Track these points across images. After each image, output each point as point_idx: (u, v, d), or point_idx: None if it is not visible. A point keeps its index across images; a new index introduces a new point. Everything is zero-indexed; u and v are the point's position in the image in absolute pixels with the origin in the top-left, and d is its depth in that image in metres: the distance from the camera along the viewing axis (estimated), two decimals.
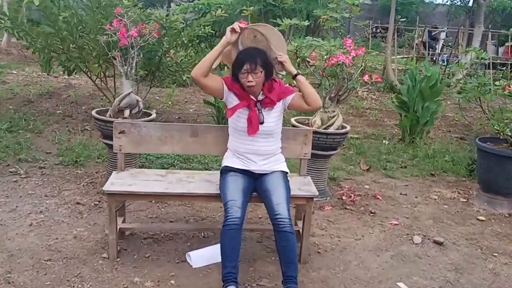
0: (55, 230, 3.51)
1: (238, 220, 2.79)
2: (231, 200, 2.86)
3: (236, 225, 2.79)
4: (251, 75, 2.94)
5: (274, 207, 2.87)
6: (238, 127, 3.06)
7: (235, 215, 2.80)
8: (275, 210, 2.86)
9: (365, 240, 3.69)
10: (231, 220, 2.79)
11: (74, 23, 5.28)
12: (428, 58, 14.79)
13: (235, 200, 2.86)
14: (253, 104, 3.01)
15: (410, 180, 5.08)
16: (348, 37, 4.23)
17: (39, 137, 5.60)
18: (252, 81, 2.94)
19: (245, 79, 2.95)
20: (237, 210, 2.81)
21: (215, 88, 3.08)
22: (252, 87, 2.98)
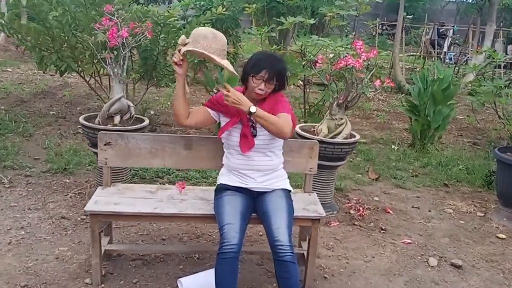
0: (35, 249, 3.20)
1: (236, 247, 2.47)
2: (227, 224, 2.53)
3: (233, 252, 2.47)
4: (265, 84, 2.64)
5: (274, 232, 2.55)
6: (231, 143, 2.76)
7: (232, 242, 2.47)
8: (274, 236, 2.53)
9: (376, 262, 3.36)
10: (228, 247, 2.47)
11: (66, 20, 4.97)
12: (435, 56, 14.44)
13: (232, 224, 2.54)
14: (245, 118, 2.68)
15: (422, 191, 4.75)
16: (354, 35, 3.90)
17: (28, 141, 5.29)
18: (263, 90, 2.65)
19: (257, 86, 2.64)
20: (235, 236, 2.49)
21: (203, 120, 2.85)
22: (259, 95, 2.68)
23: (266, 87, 2.65)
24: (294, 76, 5.38)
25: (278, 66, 2.65)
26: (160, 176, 4.48)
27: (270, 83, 2.64)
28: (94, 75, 5.67)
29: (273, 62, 2.65)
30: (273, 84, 2.66)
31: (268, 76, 2.62)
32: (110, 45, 3.68)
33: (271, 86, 2.66)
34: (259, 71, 2.62)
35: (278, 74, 2.65)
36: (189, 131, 6.04)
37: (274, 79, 2.64)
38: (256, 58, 2.70)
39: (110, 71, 3.79)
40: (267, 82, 2.63)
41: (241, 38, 9.88)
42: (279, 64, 2.67)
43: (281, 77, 2.69)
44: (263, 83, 2.63)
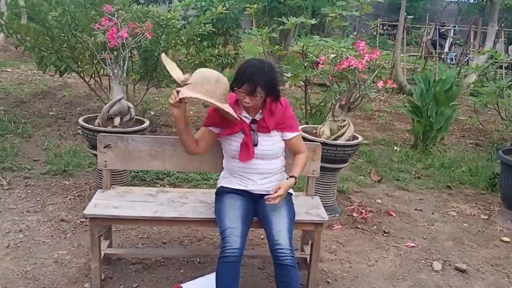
0: (34, 253, 3.15)
1: (237, 251, 2.43)
2: (229, 228, 2.49)
3: (235, 257, 2.42)
4: (249, 97, 2.55)
5: (274, 236, 2.50)
6: (230, 151, 2.71)
7: (233, 246, 2.43)
8: (274, 239, 2.49)
9: (379, 266, 3.31)
10: (229, 252, 2.42)
11: (66, 20, 4.92)
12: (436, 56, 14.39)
13: (233, 228, 2.49)
14: (247, 127, 2.64)
15: (425, 193, 4.70)
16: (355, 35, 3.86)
17: (27, 142, 5.24)
18: (249, 103, 2.57)
19: (242, 99, 2.58)
20: (236, 240, 2.44)
21: (211, 140, 2.78)
22: (249, 108, 2.64)
23: (252, 100, 2.55)
24: (295, 77, 5.34)
25: (260, 79, 2.50)
26: (161, 178, 4.44)
27: (254, 96, 2.54)
28: (94, 75, 5.63)
29: (254, 74, 2.51)
30: (258, 96, 2.54)
31: (249, 89, 2.51)
32: (110, 45, 3.64)
33: (255, 98, 2.55)
34: (240, 85, 2.53)
35: (260, 86, 2.51)
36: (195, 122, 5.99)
37: (256, 92, 2.52)
38: (239, 70, 2.59)
39: (110, 72, 3.74)
40: (250, 95, 2.53)
41: (241, 38, 9.84)
42: (261, 75, 2.51)
43: (266, 88, 2.55)
44: (247, 96, 2.55)
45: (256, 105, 2.60)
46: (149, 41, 4.69)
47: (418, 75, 11.70)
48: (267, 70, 2.55)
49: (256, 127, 2.65)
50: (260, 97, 2.56)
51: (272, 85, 2.57)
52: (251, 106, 2.59)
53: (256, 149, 2.63)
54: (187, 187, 4.34)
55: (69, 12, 4.91)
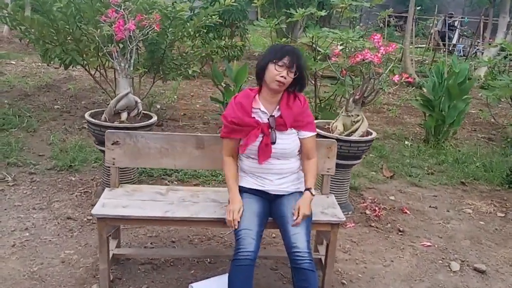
0: (40, 252, 3.07)
1: (252, 254, 2.33)
2: (244, 230, 2.39)
3: (249, 260, 2.33)
4: (288, 72, 2.47)
5: (291, 238, 2.40)
6: (248, 152, 2.60)
7: (248, 249, 2.33)
8: (292, 242, 2.39)
9: (395, 266, 3.21)
10: (244, 255, 2.32)
11: (71, 12, 4.81)
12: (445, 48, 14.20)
13: (249, 229, 2.39)
14: (265, 126, 2.54)
15: (439, 190, 4.59)
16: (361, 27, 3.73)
17: (32, 136, 5.15)
18: (286, 78, 2.48)
19: (279, 73, 2.47)
20: (251, 242, 2.34)
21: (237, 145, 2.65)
22: (282, 85, 2.50)
23: (288, 75, 2.48)
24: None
25: (300, 56, 2.52)
26: (168, 174, 4.34)
27: (292, 71, 2.48)
28: (99, 68, 5.53)
29: (295, 51, 2.54)
30: (294, 73, 2.49)
31: (291, 62, 2.46)
32: (116, 38, 3.53)
33: (292, 74, 2.49)
34: (281, 57, 2.47)
35: (299, 62, 2.50)
36: (197, 127, 5.90)
37: (294, 67, 2.48)
38: (277, 46, 2.59)
39: (117, 65, 3.63)
40: (290, 69, 2.47)
41: (247, 30, 9.70)
42: (299, 54, 2.54)
43: (303, 67, 2.53)
44: (286, 70, 2.47)
45: (286, 85, 2.51)
46: (156, 34, 4.58)
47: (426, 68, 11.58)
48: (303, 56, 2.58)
49: (273, 124, 2.53)
50: (293, 74, 2.49)
51: (304, 69, 2.56)
52: (284, 83, 2.49)
53: (273, 147, 2.53)
54: (196, 183, 4.24)
55: (74, 4, 4.81)
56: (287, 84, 2.53)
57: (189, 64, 5.66)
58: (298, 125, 2.58)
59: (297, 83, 2.57)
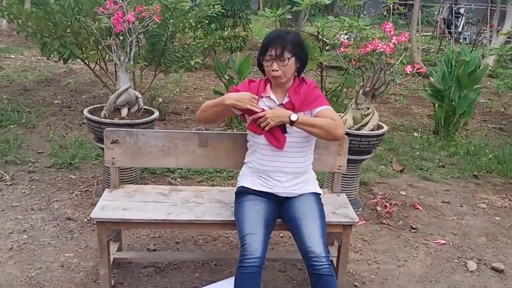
0: (39, 256, 2.94)
1: (258, 260, 2.19)
2: (250, 234, 2.25)
3: (256, 267, 2.18)
4: (277, 62, 2.32)
5: (307, 242, 2.25)
6: (257, 141, 2.45)
7: (254, 255, 2.19)
8: (307, 247, 2.24)
9: (409, 266, 3.07)
10: (250, 261, 2.18)
11: (68, 4, 4.65)
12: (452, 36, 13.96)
13: (254, 234, 2.25)
14: None
15: (451, 183, 4.43)
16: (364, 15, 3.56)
17: (32, 132, 5.02)
18: (278, 70, 2.33)
19: (269, 67, 2.35)
20: (257, 248, 2.20)
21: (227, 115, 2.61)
22: (279, 78, 2.36)
23: (280, 66, 2.33)
24: (311, 60, 5.04)
25: (286, 38, 2.33)
26: (172, 171, 4.20)
27: (282, 60, 2.32)
28: (99, 61, 5.38)
29: (279, 36, 2.35)
30: (286, 59, 2.33)
31: (276, 52, 2.31)
32: (115, 31, 3.37)
33: (284, 62, 2.33)
34: (266, 51, 2.34)
35: (288, 46, 2.32)
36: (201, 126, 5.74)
37: (284, 54, 2.32)
38: (265, 39, 2.40)
39: (116, 59, 3.48)
40: (278, 59, 2.32)
41: (250, 20, 9.51)
42: (286, 37, 2.34)
43: (295, 49, 2.34)
44: (274, 63, 2.33)
45: (286, 74, 2.36)
46: (157, 25, 4.42)
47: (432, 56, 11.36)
48: (292, 33, 2.40)
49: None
50: (287, 60, 2.33)
51: (300, 46, 2.37)
52: (281, 75, 2.35)
53: (288, 136, 2.39)
54: (200, 180, 4.11)
55: None
56: (287, 73, 2.37)
57: (191, 56, 5.50)
58: (307, 103, 2.40)
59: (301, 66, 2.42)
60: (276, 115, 2.30)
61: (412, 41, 9.58)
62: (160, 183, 4.00)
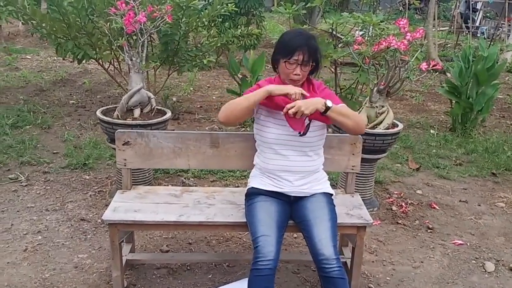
0: (53, 257, 2.95)
1: (272, 263, 2.16)
2: (262, 236, 2.22)
3: (269, 269, 2.15)
4: (301, 68, 2.29)
5: (317, 244, 2.22)
6: (265, 137, 2.40)
7: (268, 257, 2.16)
8: (317, 249, 2.21)
9: (426, 267, 3.01)
10: (263, 264, 2.15)
11: (82, 5, 4.67)
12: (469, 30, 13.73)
13: (267, 235, 2.22)
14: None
15: (469, 182, 4.35)
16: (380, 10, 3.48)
17: (47, 133, 5.06)
18: (300, 75, 2.30)
19: (291, 71, 2.30)
20: (271, 250, 2.17)
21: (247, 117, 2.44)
22: (297, 82, 2.33)
23: (302, 71, 2.30)
24: (325, 57, 4.98)
25: (312, 44, 2.29)
26: (185, 171, 4.19)
27: (306, 66, 2.30)
28: (113, 61, 5.40)
29: (306, 40, 2.29)
30: (309, 66, 2.31)
31: (303, 58, 2.27)
32: (127, 31, 3.37)
33: (307, 69, 2.31)
34: (291, 54, 2.27)
35: (313, 53, 2.29)
36: (214, 120, 5.73)
37: (310, 60, 2.29)
38: (286, 39, 2.34)
39: (128, 60, 3.48)
40: (303, 65, 2.29)
41: (264, 17, 9.46)
42: (311, 41, 2.30)
43: (317, 57, 2.32)
44: (298, 67, 2.29)
45: (303, 78, 2.33)
46: (169, 25, 4.41)
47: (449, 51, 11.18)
48: (312, 37, 2.35)
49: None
50: (309, 67, 2.31)
51: (319, 53, 2.33)
52: (301, 79, 2.32)
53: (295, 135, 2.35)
54: (212, 180, 4.09)
55: None
56: (305, 77, 2.35)
57: (204, 54, 5.48)
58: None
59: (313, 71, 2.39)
60: (310, 103, 2.22)
61: (428, 37, 9.43)
62: (173, 183, 4.00)
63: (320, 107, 2.22)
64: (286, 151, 2.38)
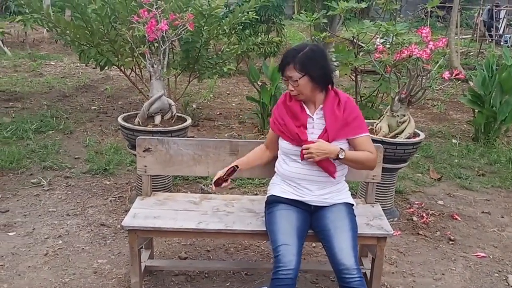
0: (73, 261, 2.98)
1: (293, 272, 2.14)
2: (283, 245, 2.20)
3: (290, 279, 2.14)
4: (290, 84, 2.33)
5: (338, 254, 2.20)
6: (286, 149, 2.42)
7: (289, 267, 2.14)
8: (338, 259, 2.18)
9: (447, 279, 2.96)
10: (284, 273, 2.13)
11: (105, 13, 4.74)
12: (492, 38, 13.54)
13: (288, 244, 2.20)
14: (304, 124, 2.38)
15: (492, 193, 4.27)
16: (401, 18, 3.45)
17: (69, 138, 5.13)
18: (293, 90, 2.34)
19: (288, 87, 2.37)
20: (291, 260, 2.16)
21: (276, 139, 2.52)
22: (296, 96, 2.37)
23: (294, 86, 2.31)
24: (345, 66, 4.96)
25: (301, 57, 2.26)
26: (204, 177, 4.20)
27: (294, 80, 2.30)
28: (135, 68, 5.46)
29: (289, 55, 2.30)
30: (296, 79, 2.28)
31: (286, 73, 2.31)
32: (149, 39, 3.40)
33: (295, 83, 2.30)
34: (282, 72, 2.35)
35: (298, 66, 2.26)
36: (233, 127, 5.75)
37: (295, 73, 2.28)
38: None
39: (149, 67, 3.51)
40: (290, 80, 2.31)
41: (284, 25, 9.49)
42: (296, 55, 2.27)
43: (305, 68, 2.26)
44: (289, 83, 2.33)
45: (302, 92, 2.33)
46: (191, 33, 4.44)
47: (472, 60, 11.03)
48: (306, 50, 2.30)
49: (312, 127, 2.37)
50: (298, 80, 2.29)
51: (314, 62, 2.28)
52: (296, 94, 2.35)
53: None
54: (231, 187, 4.09)
55: (108, 4, 4.74)
56: (303, 91, 2.33)
57: (225, 62, 5.51)
58: (344, 132, 2.36)
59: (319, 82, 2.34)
60: (323, 151, 2.27)
61: (451, 45, 9.32)
62: (192, 190, 4.01)
63: (332, 157, 2.30)
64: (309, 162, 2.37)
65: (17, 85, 7.24)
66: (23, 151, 4.55)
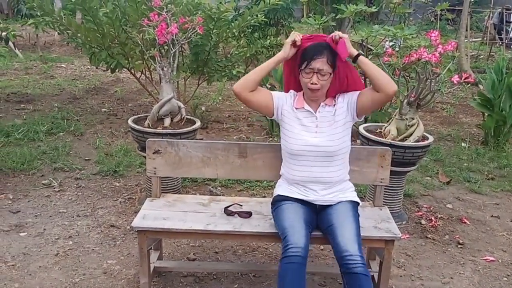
0: (83, 262, 3.02)
1: (302, 251, 2.15)
2: (291, 227, 2.24)
3: (300, 257, 2.15)
4: (317, 76, 2.33)
5: (341, 243, 2.21)
6: (289, 148, 2.44)
7: (298, 244, 2.16)
8: (342, 246, 2.20)
9: (455, 283, 2.95)
10: (293, 251, 2.14)
11: (116, 16, 4.79)
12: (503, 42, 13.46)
13: (295, 226, 2.24)
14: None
15: (501, 197, 4.25)
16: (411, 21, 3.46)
17: (79, 140, 5.18)
18: (317, 84, 2.34)
19: (308, 80, 2.35)
20: (300, 238, 2.18)
21: (262, 103, 2.52)
22: (316, 91, 2.36)
23: (320, 80, 2.33)
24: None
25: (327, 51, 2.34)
26: (212, 180, 4.23)
27: (323, 74, 2.33)
28: (145, 71, 5.50)
29: (320, 48, 2.35)
30: (327, 74, 2.34)
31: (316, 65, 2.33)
32: (159, 42, 3.44)
33: (324, 77, 2.34)
34: (306, 63, 2.35)
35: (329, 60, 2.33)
36: (242, 129, 5.77)
37: (323, 68, 2.33)
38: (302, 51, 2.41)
39: (159, 70, 3.55)
40: (319, 73, 2.33)
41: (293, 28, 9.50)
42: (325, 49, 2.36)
43: (333, 60, 2.35)
44: (314, 75, 2.34)
45: (323, 87, 2.38)
46: (200, 36, 4.48)
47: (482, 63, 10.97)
48: (328, 45, 2.39)
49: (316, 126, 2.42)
50: (328, 75, 2.35)
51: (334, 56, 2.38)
52: (319, 88, 2.36)
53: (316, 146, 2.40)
54: (240, 190, 4.12)
55: (119, 8, 4.78)
56: (324, 87, 2.38)
57: (234, 65, 5.54)
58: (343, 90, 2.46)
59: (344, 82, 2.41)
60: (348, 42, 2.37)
61: (460, 48, 9.28)
62: (201, 191, 4.04)
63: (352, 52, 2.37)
64: (310, 162, 2.40)
65: (29, 87, 7.32)
66: (34, 153, 4.61)
